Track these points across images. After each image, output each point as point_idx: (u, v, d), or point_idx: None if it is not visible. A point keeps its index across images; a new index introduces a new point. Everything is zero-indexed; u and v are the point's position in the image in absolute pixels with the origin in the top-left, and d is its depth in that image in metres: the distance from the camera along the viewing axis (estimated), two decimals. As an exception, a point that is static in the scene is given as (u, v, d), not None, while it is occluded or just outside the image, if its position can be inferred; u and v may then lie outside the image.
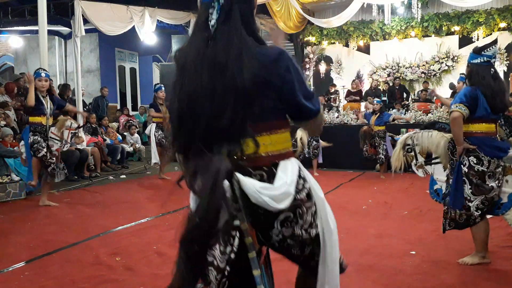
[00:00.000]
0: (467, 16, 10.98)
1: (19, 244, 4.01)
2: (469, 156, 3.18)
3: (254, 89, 1.35)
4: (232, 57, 1.36)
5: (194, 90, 1.37)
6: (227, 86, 1.34)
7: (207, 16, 1.41)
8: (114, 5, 9.26)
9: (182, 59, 1.44)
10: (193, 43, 1.43)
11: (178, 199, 6.08)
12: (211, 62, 1.37)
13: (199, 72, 1.37)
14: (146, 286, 3.06)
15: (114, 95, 12.73)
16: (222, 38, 1.38)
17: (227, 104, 1.34)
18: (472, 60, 3.25)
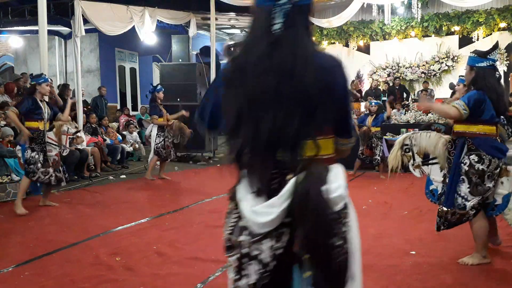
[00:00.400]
0: (467, 16, 10.98)
1: (19, 244, 4.02)
2: (471, 154, 3.20)
3: (321, 94, 1.38)
4: (300, 62, 1.37)
5: (258, 95, 1.37)
6: (295, 91, 1.36)
7: (268, 20, 1.39)
8: (114, 5, 9.25)
9: (241, 61, 1.41)
10: (254, 47, 1.40)
11: (178, 199, 6.12)
12: (277, 67, 1.36)
13: (264, 77, 1.36)
14: (146, 286, 3.06)
15: (114, 95, 12.73)
16: (287, 43, 1.38)
17: (294, 110, 1.36)
18: (477, 64, 3.26)
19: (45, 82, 5.23)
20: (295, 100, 1.36)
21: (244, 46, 1.44)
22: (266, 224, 1.36)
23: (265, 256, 1.38)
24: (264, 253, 1.38)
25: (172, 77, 10.03)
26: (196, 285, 3.05)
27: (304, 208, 1.30)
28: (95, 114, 9.21)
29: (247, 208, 1.40)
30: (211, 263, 3.47)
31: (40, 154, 5.17)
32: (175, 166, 8.96)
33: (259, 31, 1.42)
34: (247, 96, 1.38)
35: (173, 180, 7.58)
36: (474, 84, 3.27)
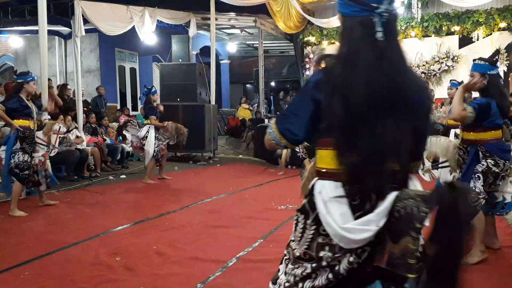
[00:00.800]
0: (467, 16, 10.96)
1: (19, 244, 4.01)
2: (487, 159, 3.37)
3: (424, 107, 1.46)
4: (404, 71, 1.42)
5: (373, 104, 1.36)
6: (403, 100, 1.38)
7: (369, 29, 1.40)
8: (114, 5, 9.25)
9: (347, 74, 1.39)
10: (360, 57, 1.39)
11: (178, 199, 6.12)
12: (387, 77, 1.37)
13: (376, 87, 1.36)
14: (146, 286, 3.06)
15: (114, 95, 12.72)
16: (392, 52, 1.41)
17: (406, 118, 1.38)
18: (489, 72, 3.33)
19: (33, 80, 5.12)
20: (405, 109, 1.38)
21: (346, 57, 1.42)
22: (358, 241, 1.35)
23: (341, 268, 1.39)
24: (341, 265, 1.39)
25: (172, 77, 10.03)
26: (196, 285, 3.05)
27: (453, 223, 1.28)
28: (95, 114, 9.21)
29: (335, 225, 1.36)
30: (211, 263, 3.47)
31: (30, 157, 5.04)
32: (175, 166, 8.96)
33: (361, 41, 1.41)
34: (361, 106, 1.36)
35: (173, 180, 7.58)
36: (485, 91, 3.34)
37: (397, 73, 1.39)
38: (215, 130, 10.55)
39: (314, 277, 1.42)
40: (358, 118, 1.36)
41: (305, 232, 1.47)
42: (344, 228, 1.35)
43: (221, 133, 14.05)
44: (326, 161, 1.45)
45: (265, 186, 7.19)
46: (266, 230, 4.41)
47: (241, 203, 5.81)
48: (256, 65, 14.71)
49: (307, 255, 1.45)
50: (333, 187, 1.41)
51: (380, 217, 1.33)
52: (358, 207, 1.38)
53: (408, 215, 1.30)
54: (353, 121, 1.37)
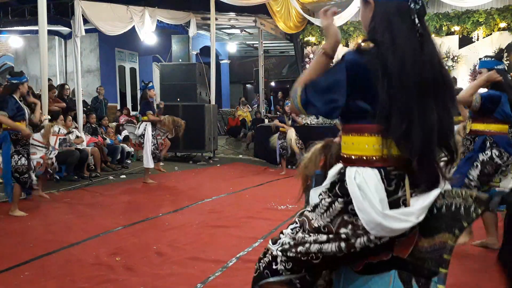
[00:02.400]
0: (467, 16, 10.96)
1: (19, 244, 4.01)
2: (493, 148, 3.41)
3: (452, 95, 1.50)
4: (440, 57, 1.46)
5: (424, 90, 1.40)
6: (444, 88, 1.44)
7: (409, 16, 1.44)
8: (114, 5, 9.25)
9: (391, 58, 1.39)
10: (404, 43, 1.41)
11: (178, 199, 6.11)
12: (429, 63, 1.42)
13: (424, 73, 1.40)
14: (146, 286, 3.06)
15: (114, 95, 12.72)
16: (429, 39, 1.46)
17: (447, 104, 1.44)
18: (497, 66, 3.42)
19: (27, 81, 5.05)
20: (445, 98, 1.43)
21: (386, 43, 1.41)
22: (394, 231, 1.35)
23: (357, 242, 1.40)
24: (358, 240, 1.40)
25: (172, 77, 10.03)
26: (196, 285, 3.04)
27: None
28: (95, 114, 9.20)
29: (373, 212, 1.35)
30: (211, 263, 3.47)
31: (27, 160, 4.97)
32: (175, 166, 8.96)
33: (403, 27, 1.43)
34: (412, 91, 1.38)
35: (173, 180, 7.58)
36: (494, 86, 3.39)
37: (436, 60, 1.44)
38: (215, 130, 10.55)
39: (326, 243, 1.43)
40: (410, 105, 1.38)
41: (331, 207, 1.47)
42: (384, 214, 1.34)
43: (221, 133, 14.05)
44: (360, 148, 1.45)
45: (265, 186, 7.19)
46: (266, 230, 4.41)
47: (241, 203, 5.81)
48: (256, 65, 14.71)
49: (327, 228, 1.45)
50: (371, 174, 1.41)
51: (422, 211, 1.34)
52: (392, 193, 1.39)
53: (454, 213, 1.31)
54: (407, 108, 1.38)
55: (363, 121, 1.44)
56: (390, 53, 1.39)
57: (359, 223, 1.39)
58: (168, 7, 10.69)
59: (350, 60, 1.42)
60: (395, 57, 1.38)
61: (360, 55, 1.42)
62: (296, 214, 1.61)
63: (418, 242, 1.38)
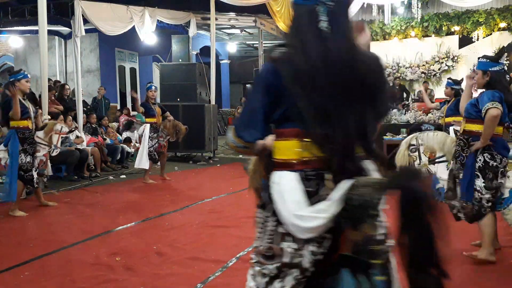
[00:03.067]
0: (467, 16, 10.98)
1: (19, 244, 4.01)
2: (484, 153, 3.32)
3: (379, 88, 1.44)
4: (358, 57, 1.42)
5: (335, 92, 1.37)
6: (361, 85, 1.39)
7: (313, 18, 1.41)
8: (114, 5, 9.25)
9: (300, 63, 1.39)
10: (309, 46, 1.39)
11: (178, 199, 6.11)
12: (341, 64, 1.38)
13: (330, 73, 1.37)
14: (146, 286, 3.06)
15: (114, 95, 12.72)
16: (336, 41, 1.40)
17: (365, 103, 1.40)
18: (491, 68, 3.32)
19: (25, 78, 4.97)
20: (362, 94, 1.39)
21: (295, 46, 1.42)
22: (311, 230, 1.34)
23: (305, 262, 1.37)
24: (305, 259, 1.37)
25: (172, 77, 10.02)
26: (196, 285, 3.05)
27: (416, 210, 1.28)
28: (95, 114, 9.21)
29: (287, 213, 1.36)
30: (211, 263, 3.47)
31: (32, 157, 5.03)
32: (175, 166, 8.96)
33: (306, 30, 1.42)
34: (324, 94, 1.37)
35: (173, 180, 7.58)
36: (489, 86, 3.32)
37: (346, 62, 1.39)
38: (215, 130, 10.54)
39: (282, 276, 1.40)
40: (324, 106, 1.37)
41: (266, 225, 1.46)
42: (296, 215, 1.34)
43: (221, 133, 14.05)
44: (283, 152, 1.45)
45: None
46: (266, 230, 4.40)
47: (241, 203, 5.80)
48: (256, 65, 14.72)
49: (271, 250, 1.43)
50: (291, 176, 1.41)
51: (331, 205, 1.32)
52: (314, 194, 1.38)
53: (364, 202, 1.30)
54: (321, 110, 1.37)
55: (283, 126, 1.46)
56: (299, 56, 1.40)
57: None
58: (168, 7, 10.69)
59: (263, 70, 1.49)
60: (304, 60, 1.39)
61: (273, 63, 1.45)
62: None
63: (351, 235, 1.39)
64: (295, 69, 1.39)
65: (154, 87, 7.34)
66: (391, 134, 8.26)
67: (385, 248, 1.41)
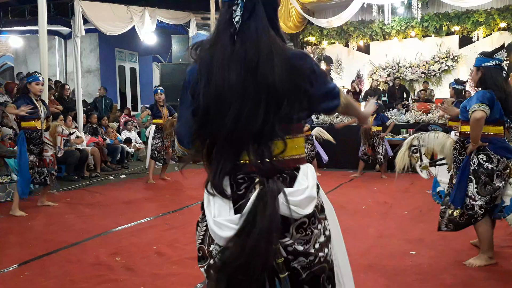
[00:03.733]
0: (467, 16, 10.97)
1: (19, 244, 4.01)
2: (479, 154, 3.20)
3: (285, 89, 1.31)
4: (263, 55, 1.31)
5: (222, 88, 1.30)
6: (259, 85, 1.29)
7: (229, 12, 1.36)
8: (114, 5, 9.26)
9: (207, 56, 1.36)
10: (219, 41, 1.35)
11: (178, 199, 6.11)
12: (241, 60, 1.31)
13: (228, 70, 1.30)
14: (146, 286, 3.06)
15: (114, 95, 12.73)
16: (249, 35, 1.33)
17: (259, 104, 1.29)
18: (484, 64, 3.23)
19: (35, 80, 5.15)
20: (259, 95, 1.29)
21: (209, 42, 1.39)
22: (224, 240, 1.25)
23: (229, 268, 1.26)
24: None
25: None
26: (196, 285, 3.04)
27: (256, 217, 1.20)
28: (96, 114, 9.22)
29: (210, 218, 1.30)
30: (211, 263, 3.46)
31: (37, 157, 5.15)
32: (175, 166, 8.96)
33: (221, 26, 1.37)
34: (212, 92, 1.31)
35: (173, 180, 7.58)
36: (483, 84, 3.22)
37: (250, 57, 1.31)
38: (215, 130, 10.54)
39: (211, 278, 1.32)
40: (210, 106, 1.32)
41: (198, 226, 1.43)
42: (214, 221, 1.28)
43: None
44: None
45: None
46: (266, 230, 4.40)
47: (241, 203, 5.81)
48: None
49: (201, 250, 1.39)
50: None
51: (241, 217, 1.24)
52: (241, 197, 1.31)
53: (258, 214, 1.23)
54: (207, 109, 1.32)
55: None
56: (205, 53, 1.38)
57: None
58: (168, 7, 10.70)
59: (187, 73, 1.47)
60: (207, 57, 1.36)
61: (194, 64, 1.43)
62: None
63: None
64: (200, 67, 1.37)
65: (160, 90, 7.35)
66: (391, 134, 8.26)
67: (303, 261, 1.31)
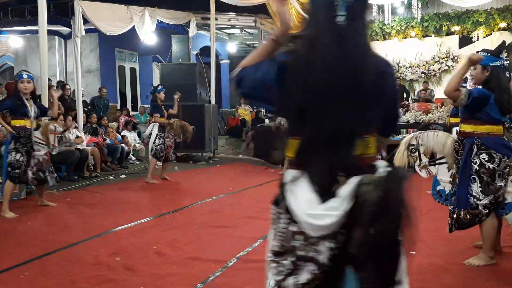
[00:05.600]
0: (467, 16, 10.97)
1: (19, 244, 4.01)
2: (481, 154, 3.18)
3: (376, 92, 1.39)
4: (364, 56, 1.38)
5: (324, 87, 1.35)
6: (358, 85, 1.36)
7: (331, 12, 1.38)
8: (114, 5, 9.25)
9: (307, 54, 1.38)
10: (319, 39, 1.38)
11: (178, 199, 6.11)
12: (344, 61, 1.36)
13: (332, 70, 1.35)
14: (146, 286, 3.06)
15: (114, 95, 12.72)
16: (353, 37, 1.37)
17: (356, 103, 1.36)
18: (491, 63, 3.20)
19: (19, 79, 5.04)
20: (355, 96, 1.36)
21: (307, 38, 1.41)
22: (324, 227, 1.33)
23: (322, 257, 1.36)
24: (322, 254, 1.36)
25: (172, 77, 10.03)
26: (196, 285, 3.05)
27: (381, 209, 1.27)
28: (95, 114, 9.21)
29: (301, 212, 1.35)
30: (211, 263, 3.47)
31: (24, 156, 5.01)
32: (175, 166, 8.96)
33: (322, 23, 1.40)
34: (313, 88, 1.35)
35: (173, 180, 7.58)
36: (487, 83, 3.19)
37: (353, 59, 1.36)
38: (215, 130, 10.55)
39: (297, 273, 1.39)
40: (308, 102, 1.35)
41: (279, 221, 1.45)
42: (309, 214, 1.34)
43: (221, 133, 14.05)
44: (291, 150, 1.45)
45: (265, 186, 7.18)
46: (266, 230, 4.37)
47: (241, 203, 5.81)
48: (256, 65, 14.69)
49: (284, 247, 1.42)
50: (296, 175, 1.41)
51: (341, 202, 1.31)
52: (324, 193, 1.36)
53: (366, 200, 1.29)
54: (304, 104, 1.35)
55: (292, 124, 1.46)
56: (302, 51, 1.39)
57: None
58: (168, 7, 10.70)
59: (280, 59, 1.44)
60: (305, 55, 1.38)
61: (289, 54, 1.44)
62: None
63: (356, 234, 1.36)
64: (300, 63, 1.38)
65: (163, 89, 7.43)
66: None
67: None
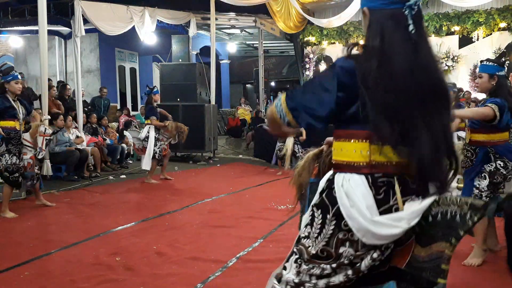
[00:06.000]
0: (467, 16, 10.97)
1: (19, 244, 4.01)
2: (497, 160, 3.35)
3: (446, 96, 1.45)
4: (436, 62, 1.44)
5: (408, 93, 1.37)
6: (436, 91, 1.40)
7: (402, 22, 1.41)
8: (114, 5, 9.25)
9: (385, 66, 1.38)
10: (394, 47, 1.39)
11: (178, 199, 6.11)
12: (423, 67, 1.39)
13: (412, 77, 1.37)
14: (146, 286, 3.06)
15: (114, 95, 12.72)
16: (424, 44, 1.42)
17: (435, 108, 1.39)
18: (498, 72, 3.30)
19: (14, 79, 4.81)
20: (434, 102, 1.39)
21: (381, 50, 1.40)
22: (385, 237, 1.33)
23: (362, 265, 1.36)
24: (363, 262, 1.36)
25: (172, 77, 10.03)
26: (196, 285, 3.05)
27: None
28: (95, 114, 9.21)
29: (361, 218, 1.34)
30: (211, 263, 3.47)
31: (18, 159, 4.91)
32: (175, 166, 8.96)
33: (395, 34, 1.40)
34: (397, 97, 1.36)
35: (173, 180, 7.58)
36: (494, 92, 3.30)
37: (431, 66, 1.41)
38: (215, 130, 10.55)
39: (333, 275, 1.40)
40: (407, 112, 1.36)
41: (324, 227, 1.43)
42: (373, 221, 1.32)
43: (221, 133, 14.05)
44: (349, 154, 1.44)
45: (265, 186, 7.19)
46: (266, 230, 4.41)
47: (241, 203, 5.81)
48: (256, 65, 14.71)
49: (325, 252, 1.41)
50: (357, 180, 1.39)
51: (413, 216, 1.31)
52: (382, 202, 1.37)
53: (450, 221, 1.28)
54: (404, 115, 1.36)
55: (351, 127, 1.44)
56: (378, 59, 1.38)
57: (355, 238, 1.37)
58: (168, 7, 10.69)
59: (340, 66, 1.42)
60: (383, 62, 1.38)
61: (350, 60, 1.43)
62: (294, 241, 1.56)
63: (415, 251, 1.36)
64: (373, 71, 1.37)
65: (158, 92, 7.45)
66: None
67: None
